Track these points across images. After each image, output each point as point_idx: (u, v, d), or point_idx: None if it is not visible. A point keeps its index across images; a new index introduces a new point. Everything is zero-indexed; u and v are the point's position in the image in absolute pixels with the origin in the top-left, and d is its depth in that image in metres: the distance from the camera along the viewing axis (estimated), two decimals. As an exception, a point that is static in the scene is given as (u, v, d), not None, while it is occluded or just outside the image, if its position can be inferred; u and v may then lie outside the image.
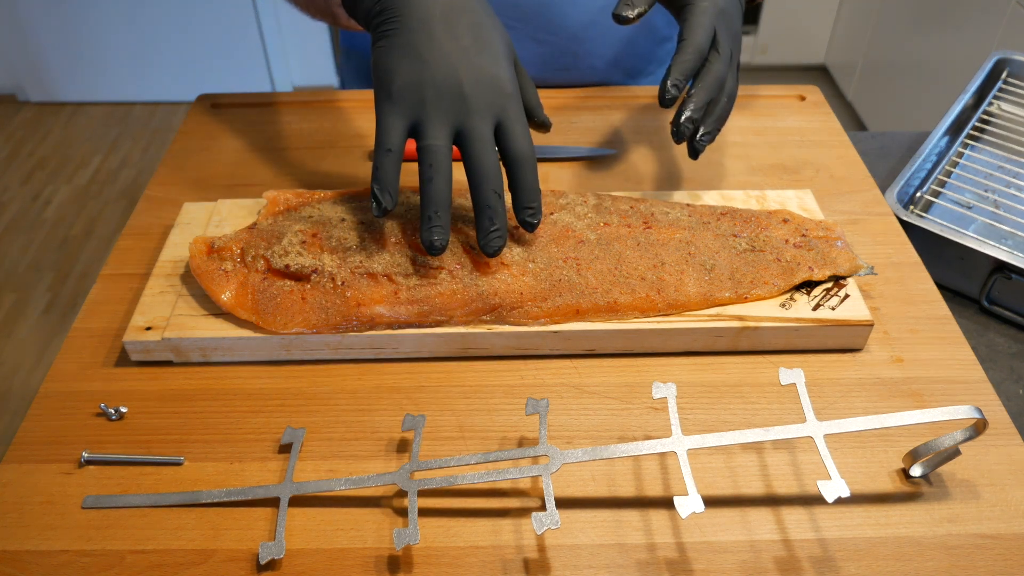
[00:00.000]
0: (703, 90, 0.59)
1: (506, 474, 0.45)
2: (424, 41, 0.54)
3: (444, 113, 0.54)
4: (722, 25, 0.60)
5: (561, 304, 0.55)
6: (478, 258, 0.56)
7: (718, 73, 0.59)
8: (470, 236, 0.58)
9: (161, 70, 2.64)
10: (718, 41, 0.60)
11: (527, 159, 0.55)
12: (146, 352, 0.56)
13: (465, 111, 0.54)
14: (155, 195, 0.71)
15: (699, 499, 0.42)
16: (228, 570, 0.45)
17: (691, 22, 0.59)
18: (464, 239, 0.57)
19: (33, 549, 0.46)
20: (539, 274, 0.56)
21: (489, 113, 0.54)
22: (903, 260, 0.65)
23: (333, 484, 0.47)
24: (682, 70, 0.58)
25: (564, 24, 0.84)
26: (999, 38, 1.79)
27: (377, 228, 0.58)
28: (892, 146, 0.90)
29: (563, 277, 0.56)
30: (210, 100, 0.83)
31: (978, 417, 0.44)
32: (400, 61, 0.54)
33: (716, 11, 0.60)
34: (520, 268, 0.56)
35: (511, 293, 0.55)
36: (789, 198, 0.66)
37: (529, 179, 0.55)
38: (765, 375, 0.56)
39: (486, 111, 0.54)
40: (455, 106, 0.54)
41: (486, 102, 0.54)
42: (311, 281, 0.55)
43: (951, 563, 0.45)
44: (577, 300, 0.55)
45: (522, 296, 0.55)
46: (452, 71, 0.54)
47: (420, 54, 0.54)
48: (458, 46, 0.55)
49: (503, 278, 0.55)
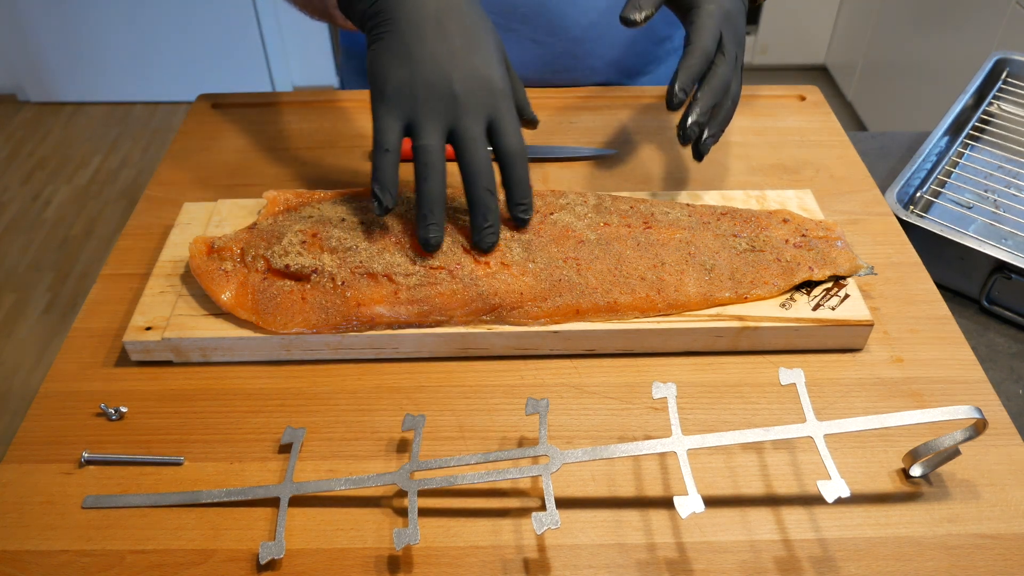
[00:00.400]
0: (709, 94, 0.59)
1: (506, 474, 0.45)
2: (416, 43, 0.55)
3: (436, 113, 0.54)
4: (728, 28, 0.60)
5: (561, 304, 0.55)
6: (478, 258, 0.56)
7: (723, 77, 0.60)
8: (469, 237, 0.58)
9: (161, 70, 2.64)
10: (724, 44, 0.60)
11: (519, 156, 0.56)
12: (146, 352, 0.56)
13: (457, 111, 0.54)
14: (155, 195, 0.71)
15: (699, 499, 0.42)
16: (228, 570, 0.45)
17: (698, 25, 0.60)
18: (464, 239, 0.57)
19: (33, 549, 0.46)
20: (539, 274, 0.56)
21: (481, 112, 0.55)
22: (903, 260, 0.65)
23: (333, 484, 0.47)
24: (689, 74, 0.58)
25: (564, 26, 0.84)
26: (999, 38, 1.79)
27: (377, 228, 0.58)
28: (892, 146, 0.90)
29: (563, 277, 0.56)
30: (210, 100, 0.83)
31: (978, 417, 0.44)
32: (392, 63, 0.55)
33: (722, 14, 0.60)
34: (520, 268, 0.56)
35: (511, 293, 0.55)
36: (789, 198, 0.66)
37: (521, 176, 0.56)
38: (765, 375, 0.56)
39: (478, 110, 0.55)
40: (447, 106, 0.54)
41: (478, 101, 0.55)
42: (311, 281, 0.55)
43: (951, 563, 0.45)
44: (577, 300, 0.55)
45: (522, 296, 0.55)
46: (443, 72, 0.54)
47: (412, 56, 0.55)
48: (449, 47, 0.55)
49: (503, 278, 0.55)
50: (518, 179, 0.56)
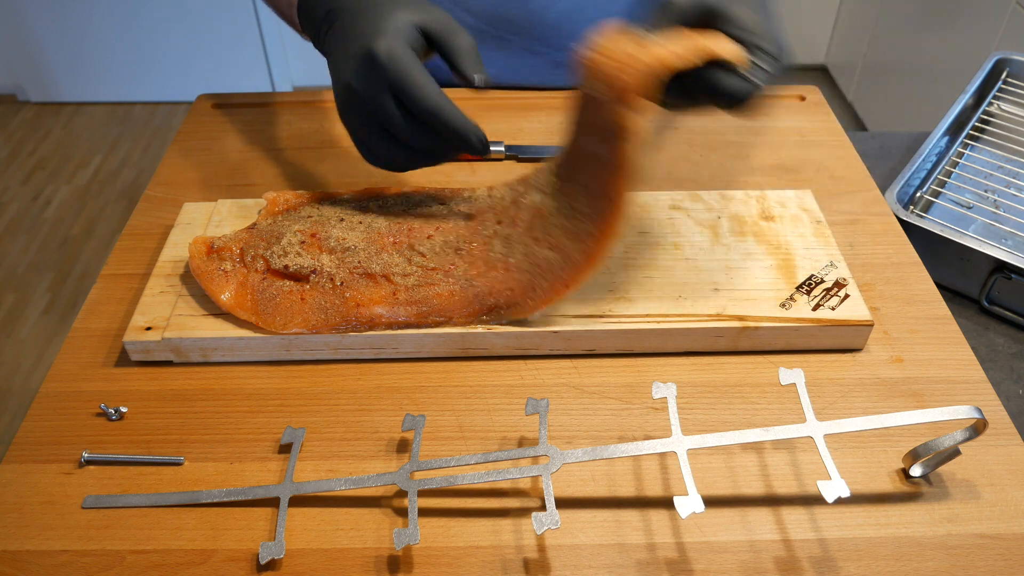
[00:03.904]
0: None
1: (506, 474, 0.45)
2: (341, 55, 0.57)
3: (373, 87, 0.54)
4: None
5: (548, 287, 0.54)
6: (468, 258, 0.56)
7: None
8: (460, 236, 0.58)
9: (161, 70, 2.64)
10: None
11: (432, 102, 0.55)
12: (146, 352, 0.56)
13: (382, 76, 0.54)
14: (155, 195, 0.71)
15: (699, 499, 0.42)
16: (228, 570, 0.45)
17: None
18: (455, 239, 0.57)
19: (33, 549, 0.46)
20: (521, 266, 0.55)
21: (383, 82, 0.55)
22: (903, 260, 0.65)
23: (333, 484, 0.47)
24: None
25: (559, 37, 0.85)
26: (999, 38, 1.79)
27: (375, 228, 0.58)
28: (892, 146, 0.90)
29: (543, 260, 0.55)
30: (210, 100, 0.83)
31: (978, 417, 0.44)
32: (335, 82, 0.57)
33: None
34: (504, 264, 0.56)
35: (504, 292, 0.55)
36: (789, 198, 0.66)
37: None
38: (765, 375, 0.56)
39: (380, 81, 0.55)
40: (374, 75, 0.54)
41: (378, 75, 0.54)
42: (310, 282, 0.55)
43: (951, 563, 0.45)
44: (559, 275, 0.54)
45: (513, 293, 0.55)
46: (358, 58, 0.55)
47: (337, 66, 0.57)
48: (352, 33, 0.56)
49: (494, 277, 0.55)
50: (450, 121, 0.54)
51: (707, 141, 0.77)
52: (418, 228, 0.59)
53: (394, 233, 0.58)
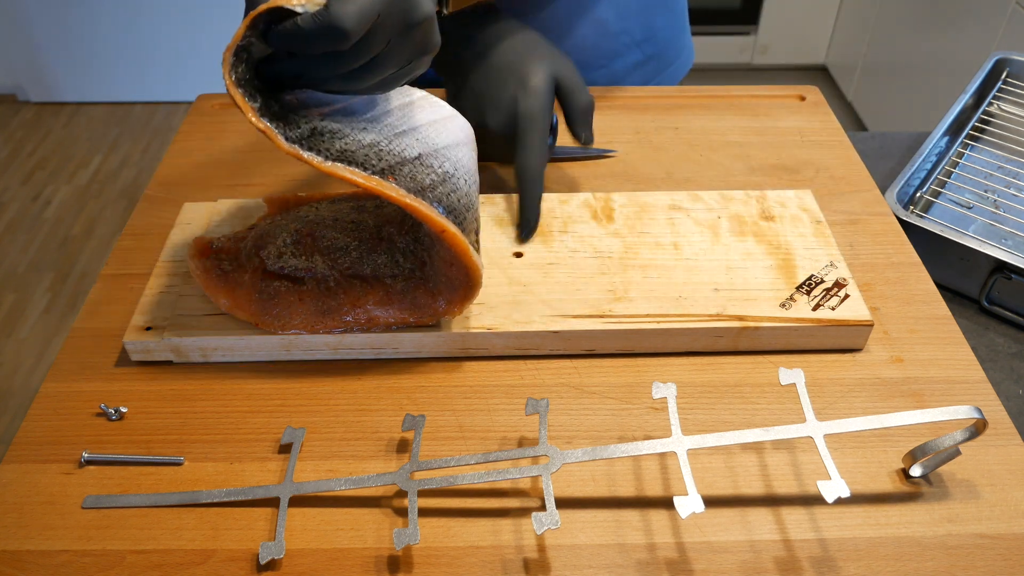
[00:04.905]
0: None
1: (506, 474, 0.45)
2: (464, 91, 0.68)
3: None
4: None
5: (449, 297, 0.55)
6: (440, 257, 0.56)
7: None
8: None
9: (161, 70, 2.64)
10: None
11: (528, 178, 0.65)
12: (146, 352, 0.56)
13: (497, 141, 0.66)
14: (155, 195, 0.71)
15: (699, 499, 0.42)
16: (228, 570, 0.45)
17: None
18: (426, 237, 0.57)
19: (33, 549, 0.46)
20: None
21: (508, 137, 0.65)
22: (903, 260, 0.65)
23: (333, 484, 0.47)
24: None
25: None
26: (999, 38, 1.79)
27: (366, 229, 0.58)
28: (892, 146, 0.89)
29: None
30: (210, 100, 0.83)
31: (978, 417, 0.44)
32: (471, 118, 0.64)
33: None
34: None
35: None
36: (789, 198, 0.66)
37: (529, 198, 0.64)
38: (765, 375, 0.56)
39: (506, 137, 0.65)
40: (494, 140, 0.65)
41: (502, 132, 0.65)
42: (306, 282, 0.55)
43: (951, 563, 0.45)
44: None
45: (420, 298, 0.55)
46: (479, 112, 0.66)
47: (463, 105, 0.67)
48: (484, 86, 0.66)
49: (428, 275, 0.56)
50: (527, 203, 0.63)
51: (707, 141, 0.77)
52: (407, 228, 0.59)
53: (387, 233, 0.58)
